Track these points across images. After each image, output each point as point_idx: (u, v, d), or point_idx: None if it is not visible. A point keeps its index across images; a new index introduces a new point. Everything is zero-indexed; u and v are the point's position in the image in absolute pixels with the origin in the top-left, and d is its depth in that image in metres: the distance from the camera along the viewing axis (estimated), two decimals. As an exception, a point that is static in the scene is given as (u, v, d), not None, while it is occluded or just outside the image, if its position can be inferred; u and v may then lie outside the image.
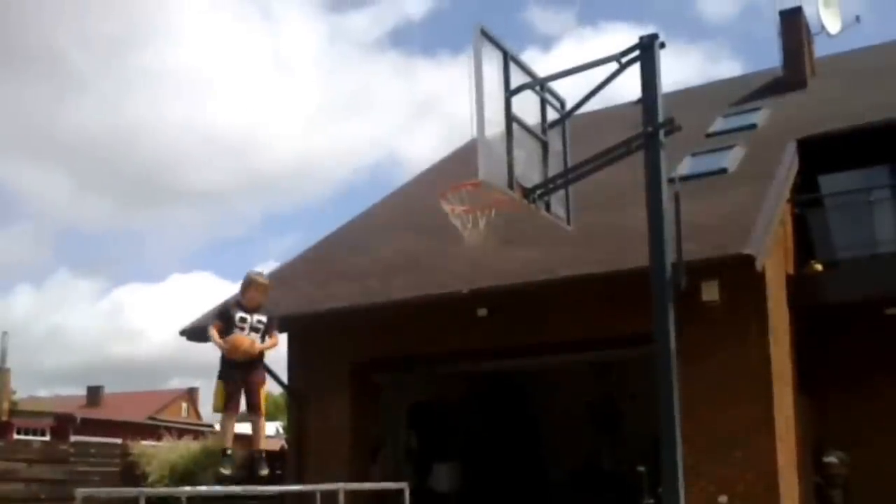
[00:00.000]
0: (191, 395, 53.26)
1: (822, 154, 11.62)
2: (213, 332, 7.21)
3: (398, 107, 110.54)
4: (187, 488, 10.22)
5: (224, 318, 7.25)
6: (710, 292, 9.15)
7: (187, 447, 13.34)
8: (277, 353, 12.80)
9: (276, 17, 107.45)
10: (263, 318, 7.29)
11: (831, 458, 10.46)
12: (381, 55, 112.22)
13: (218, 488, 11.96)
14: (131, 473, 13.27)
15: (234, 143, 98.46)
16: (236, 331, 7.11)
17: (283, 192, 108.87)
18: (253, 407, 7.61)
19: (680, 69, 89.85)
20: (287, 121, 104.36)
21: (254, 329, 7.18)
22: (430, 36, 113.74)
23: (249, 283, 7.37)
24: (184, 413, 49.12)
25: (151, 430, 15.84)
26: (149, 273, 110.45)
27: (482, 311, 10.35)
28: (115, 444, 14.40)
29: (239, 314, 7.18)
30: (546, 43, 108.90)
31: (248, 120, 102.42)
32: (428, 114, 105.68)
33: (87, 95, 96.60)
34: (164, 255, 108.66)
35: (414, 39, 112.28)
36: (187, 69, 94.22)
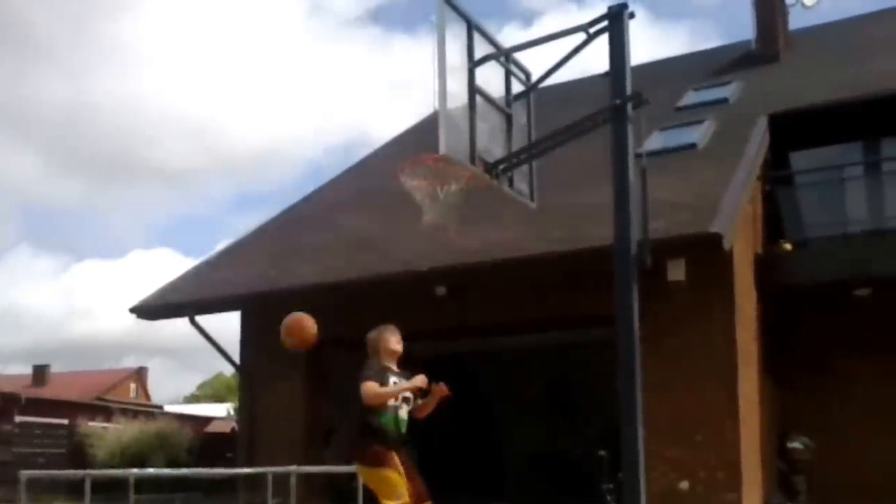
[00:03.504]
0: (140, 374, 52.48)
1: (793, 130, 11.36)
2: (375, 388, 5.34)
3: (373, 86, 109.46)
4: (134, 470, 9.86)
5: (379, 380, 5.41)
6: (676, 272, 8.90)
7: (140, 429, 13.00)
8: (229, 332, 12.46)
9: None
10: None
11: (795, 444, 10.29)
12: (358, 32, 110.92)
13: (167, 471, 11.66)
14: (79, 455, 12.91)
15: (204, 120, 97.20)
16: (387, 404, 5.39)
17: (253, 172, 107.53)
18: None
19: (665, 48, 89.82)
20: (259, 98, 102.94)
21: (405, 400, 5.50)
22: (410, 13, 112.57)
23: (372, 342, 5.70)
24: (132, 393, 48.34)
25: (99, 411, 15.40)
26: (109, 249, 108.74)
27: (441, 290, 10.02)
28: (62, 425, 14.01)
29: (392, 379, 5.46)
30: (528, 18, 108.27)
31: (219, 97, 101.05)
32: (403, 93, 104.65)
33: (56, 67, 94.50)
34: (127, 233, 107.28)
35: (394, 17, 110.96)
36: (159, 42, 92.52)
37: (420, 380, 5.39)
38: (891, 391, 10.43)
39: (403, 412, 5.42)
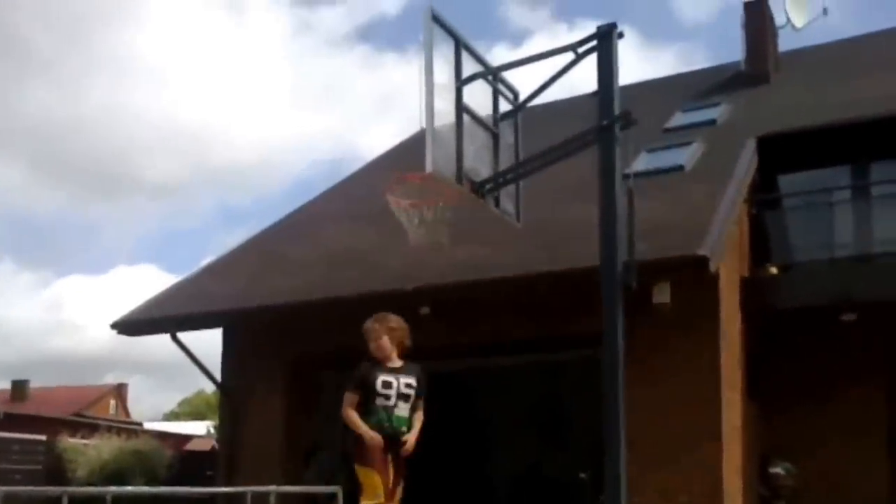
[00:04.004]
0: (120, 391, 52.05)
1: (782, 152, 11.34)
2: (349, 412, 5.30)
3: (362, 101, 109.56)
4: (112, 488, 9.70)
5: (362, 384, 5.34)
6: (662, 294, 8.83)
7: (119, 446, 12.80)
8: (211, 349, 12.31)
9: (244, 9, 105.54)
10: (413, 381, 5.42)
11: (777, 469, 10.21)
12: (349, 49, 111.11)
13: (146, 489, 11.47)
14: (56, 471, 12.69)
15: (193, 134, 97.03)
16: (378, 403, 5.30)
17: (240, 186, 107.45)
18: None
19: (654, 69, 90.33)
20: (248, 113, 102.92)
21: (402, 397, 5.34)
22: (401, 31, 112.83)
23: (366, 332, 5.47)
24: (112, 410, 47.93)
25: (78, 427, 15.20)
26: (93, 265, 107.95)
27: (425, 310, 9.90)
28: (40, 441, 13.80)
29: (382, 377, 5.33)
30: (519, 37, 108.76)
31: (207, 111, 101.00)
32: (391, 110, 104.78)
33: (46, 78, 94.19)
34: (112, 247, 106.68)
35: (384, 35, 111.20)
36: (150, 55, 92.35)
37: (367, 436, 5.21)
38: (874, 417, 10.36)
39: (401, 410, 5.34)
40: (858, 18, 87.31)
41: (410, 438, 5.40)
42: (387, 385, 5.29)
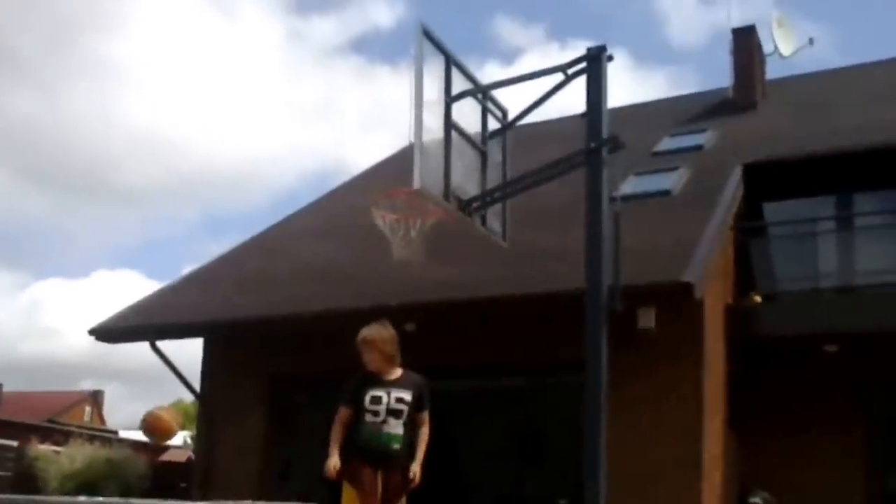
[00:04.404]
0: (95, 398, 51.22)
1: (767, 180, 11.37)
2: (335, 428, 5.16)
3: (353, 114, 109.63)
4: (82, 498, 9.54)
5: (352, 399, 5.14)
6: (647, 319, 8.78)
7: (92, 454, 12.55)
8: (191, 357, 12.16)
9: (236, 17, 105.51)
10: (406, 395, 5.17)
11: (756, 499, 10.15)
12: (341, 61, 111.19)
13: (117, 500, 11.29)
14: (26, 479, 12.43)
15: (179, 141, 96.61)
16: (366, 420, 5.10)
17: (225, 195, 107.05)
18: None
19: (644, 91, 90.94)
20: (236, 123, 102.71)
21: (392, 413, 5.13)
22: (394, 45, 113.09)
23: (359, 343, 5.26)
24: (87, 417, 47.11)
25: (50, 434, 14.94)
26: (72, 269, 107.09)
27: (410, 327, 9.82)
28: (10, 447, 13.55)
29: (370, 392, 5.13)
30: (511, 55, 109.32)
31: (195, 119, 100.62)
32: (382, 124, 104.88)
33: (29, 82, 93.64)
34: (92, 253, 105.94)
35: (377, 47, 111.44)
36: (138, 63, 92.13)
37: (328, 463, 5.08)
38: (853, 449, 10.34)
39: (392, 427, 5.09)
40: (844, 50, 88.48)
41: (416, 468, 5.17)
42: (375, 400, 5.06)
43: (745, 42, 15.45)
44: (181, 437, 34.18)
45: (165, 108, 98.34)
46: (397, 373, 5.24)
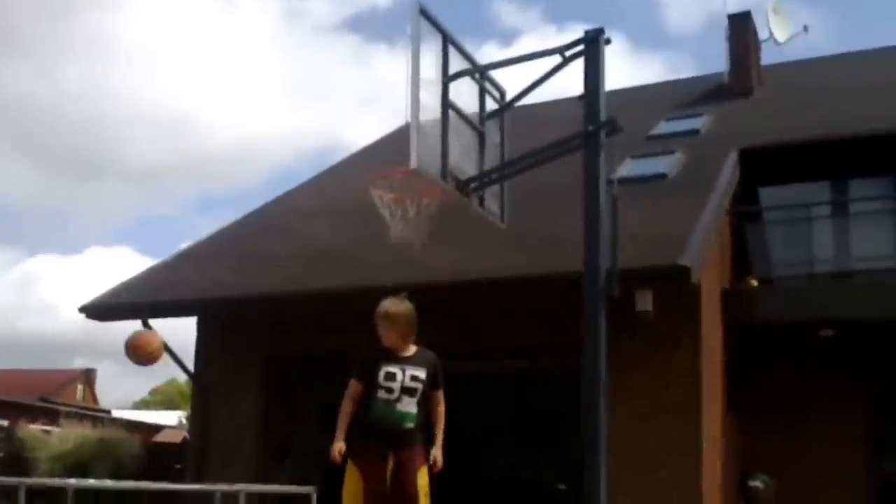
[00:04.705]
0: (88, 376, 50.82)
1: (763, 165, 11.38)
2: (345, 404, 4.99)
3: (350, 93, 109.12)
4: (72, 480, 9.47)
5: (365, 374, 4.99)
6: (644, 302, 8.74)
7: (83, 435, 12.48)
8: (185, 336, 12.08)
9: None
10: (421, 373, 5.06)
11: (756, 483, 10.20)
12: (338, 40, 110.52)
13: (108, 482, 11.27)
14: (17, 460, 12.35)
15: (175, 120, 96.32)
16: (378, 397, 4.96)
17: (221, 174, 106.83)
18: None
19: (641, 75, 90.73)
20: (232, 101, 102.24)
21: (406, 391, 5.00)
22: (391, 23, 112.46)
23: (375, 316, 5.11)
24: (79, 396, 46.72)
25: (42, 413, 14.80)
26: (66, 245, 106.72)
27: (407, 307, 9.79)
28: (1, 427, 13.46)
29: (385, 368, 5.00)
30: (508, 37, 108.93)
31: (191, 98, 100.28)
32: (379, 102, 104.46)
33: (26, 58, 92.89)
34: (87, 229, 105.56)
35: (374, 26, 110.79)
36: (133, 40, 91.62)
37: (333, 448, 4.92)
38: (852, 432, 10.42)
39: (406, 405, 4.95)
40: (838, 38, 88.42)
41: (437, 452, 5.08)
42: (390, 377, 4.92)
43: (741, 28, 15.44)
44: (176, 417, 34.15)
45: (162, 85, 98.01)
46: (412, 350, 5.10)
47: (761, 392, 10.62)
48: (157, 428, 21.01)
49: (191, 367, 11.45)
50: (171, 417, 35.30)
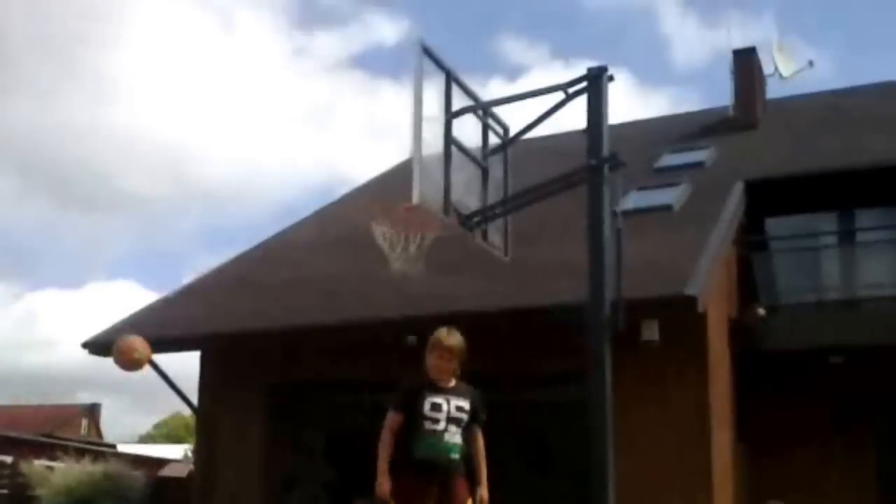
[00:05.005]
0: (92, 411, 50.51)
1: (769, 197, 11.42)
2: (385, 436, 4.85)
3: (355, 129, 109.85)
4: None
5: (407, 405, 4.87)
6: (650, 331, 8.72)
7: (86, 470, 12.41)
8: (188, 370, 12.05)
9: (238, 31, 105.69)
10: (465, 404, 4.97)
11: (770, 510, 10.08)
12: (343, 75, 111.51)
13: (113, 517, 11.22)
14: (21, 496, 12.28)
15: (180, 152, 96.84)
16: (425, 428, 4.83)
17: (225, 208, 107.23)
18: None
19: (647, 112, 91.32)
20: (238, 134, 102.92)
21: (453, 421, 4.90)
22: (397, 60, 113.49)
23: (433, 346, 5.00)
24: (84, 431, 46.38)
25: (46, 449, 14.71)
26: (68, 279, 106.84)
27: (412, 339, 9.76)
28: (5, 464, 13.38)
29: (430, 399, 4.91)
30: (515, 72, 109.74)
31: (195, 130, 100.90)
32: (384, 138, 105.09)
33: (29, 91, 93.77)
34: (89, 263, 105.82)
35: (380, 62, 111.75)
36: (139, 75, 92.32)
37: (378, 485, 4.75)
38: (863, 459, 10.33)
39: (452, 435, 4.85)
40: (843, 73, 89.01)
41: (484, 493, 5.01)
42: (436, 408, 4.79)
43: (746, 63, 15.58)
44: (181, 451, 33.93)
45: (166, 119, 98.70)
46: (452, 381, 5.02)
47: (771, 420, 10.55)
48: (163, 462, 20.87)
49: (195, 400, 11.42)
50: (176, 451, 35.09)
